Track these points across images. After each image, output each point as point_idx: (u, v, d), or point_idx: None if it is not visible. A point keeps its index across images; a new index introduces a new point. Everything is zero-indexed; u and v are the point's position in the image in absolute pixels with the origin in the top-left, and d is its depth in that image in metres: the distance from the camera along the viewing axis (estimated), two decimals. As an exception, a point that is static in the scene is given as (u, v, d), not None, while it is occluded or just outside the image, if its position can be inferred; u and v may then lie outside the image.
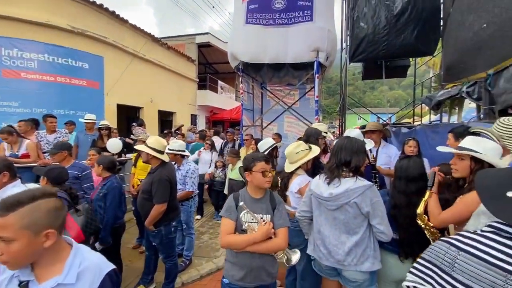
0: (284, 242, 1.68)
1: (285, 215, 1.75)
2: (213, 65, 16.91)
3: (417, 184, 1.77)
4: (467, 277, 0.67)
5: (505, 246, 0.64)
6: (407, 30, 5.71)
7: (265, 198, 1.76)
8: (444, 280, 0.71)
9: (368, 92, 58.20)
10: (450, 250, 0.73)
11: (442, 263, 0.73)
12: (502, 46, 2.66)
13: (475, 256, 0.67)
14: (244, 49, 5.49)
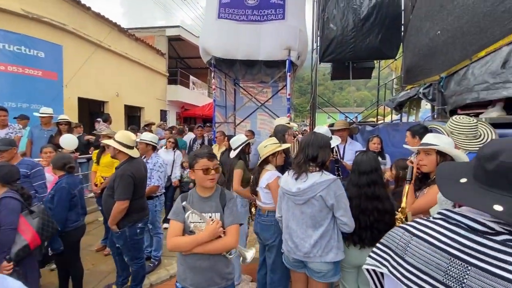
0: (234, 240, 1.58)
1: (236, 212, 1.66)
2: (185, 59, 16.43)
3: (368, 177, 1.89)
4: (416, 259, 0.73)
5: (451, 232, 0.71)
6: (372, 34, 6.07)
7: (215, 196, 1.67)
8: (397, 262, 0.77)
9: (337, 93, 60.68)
10: (404, 235, 0.79)
11: (397, 247, 0.79)
12: (453, 52, 2.93)
13: (424, 240, 0.74)
14: (217, 44, 5.41)
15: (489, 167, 0.65)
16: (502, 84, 2.10)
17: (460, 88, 2.67)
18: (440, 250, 0.69)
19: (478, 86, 2.37)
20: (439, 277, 0.66)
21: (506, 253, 0.60)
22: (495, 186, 0.64)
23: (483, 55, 2.44)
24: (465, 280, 0.62)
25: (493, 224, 0.64)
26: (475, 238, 0.65)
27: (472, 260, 0.63)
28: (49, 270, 3.19)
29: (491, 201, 0.62)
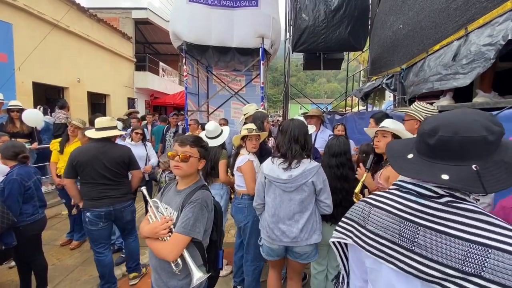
0: (169, 251, 1.32)
1: (189, 220, 1.35)
2: (154, 45, 15.60)
3: (337, 159, 2.03)
4: (376, 227, 0.82)
5: (403, 199, 0.81)
6: (342, 25, 6.27)
7: (185, 192, 1.47)
8: (360, 232, 0.86)
9: (309, 84, 62.07)
10: (365, 207, 0.89)
11: (359, 219, 0.88)
12: (413, 45, 3.17)
13: (382, 209, 0.83)
14: (188, 28, 5.23)
15: (431, 142, 0.74)
16: (452, 75, 2.33)
17: (417, 79, 2.91)
18: (395, 216, 0.79)
19: (432, 77, 2.61)
20: (394, 239, 0.76)
21: (448, 212, 0.71)
22: (438, 158, 0.74)
23: (437, 48, 2.67)
24: (416, 239, 0.72)
25: (437, 188, 0.74)
26: (423, 202, 0.75)
27: (421, 221, 0.73)
28: (8, 267, 2.99)
29: (438, 172, 0.71)
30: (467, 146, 0.69)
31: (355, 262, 0.91)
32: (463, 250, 0.66)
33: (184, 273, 1.39)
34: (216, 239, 1.58)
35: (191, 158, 1.44)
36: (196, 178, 1.55)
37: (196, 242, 1.40)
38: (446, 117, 0.76)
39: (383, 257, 0.77)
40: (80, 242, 3.66)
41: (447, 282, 0.66)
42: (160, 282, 1.45)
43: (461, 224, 0.68)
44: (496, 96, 2.32)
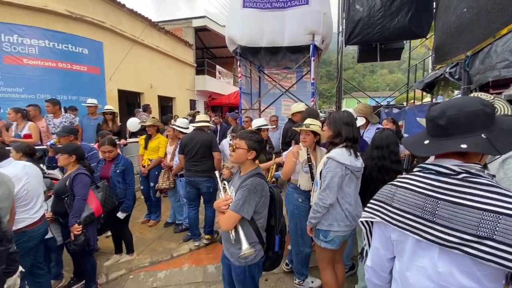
0: (222, 222, 1.65)
1: (239, 200, 1.62)
2: (211, 49, 16.83)
3: (379, 151, 2.08)
4: (401, 204, 0.95)
5: (424, 178, 0.93)
6: (401, 13, 5.84)
7: (242, 178, 1.74)
8: (387, 209, 0.99)
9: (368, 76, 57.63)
10: (391, 189, 1.02)
11: (386, 199, 1.01)
12: (478, 30, 2.87)
13: (406, 188, 0.96)
14: (242, 33, 5.62)
15: (442, 122, 0.87)
16: (523, 60, 2.10)
17: (483, 67, 2.65)
18: (417, 193, 0.92)
19: (499, 64, 2.36)
20: (418, 213, 0.90)
21: (464, 186, 0.83)
22: (451, 135, 0.86)
23: (505, 32, 2.40)
24: (436, 212, 0.86)
25: (455, 167, 0.86)
26: (442, 179, 0.88)
27: (440, 196, 0.86)
28: (105, 237, 3.79)
29: (456, 144, 0.84)
30: (472, 119, 0.83)
31: (380, 239, 1.04)
32: (477, 218, 0.78)
33: (238, 244, 1.65)
34: (274, 225, 1.83)
35: (237, 149, 1.73)
36: (252, 167, 1.79)
37: (250, 221, 1.68)
38: (449, 102, 0.90)
39: (408, 229, 0.91)
40: (156, 221, 4.39)
41: (464, 246, 0.78)
42: (224, 246, 1.83)
43: (475, 196, 0.80)
44: None
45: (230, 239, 1.70)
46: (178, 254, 3.46)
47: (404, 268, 0.94)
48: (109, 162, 3.07)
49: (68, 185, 2.51)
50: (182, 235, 3.93)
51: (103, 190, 2.74)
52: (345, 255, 2.70)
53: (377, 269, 1.07)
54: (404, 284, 0.95)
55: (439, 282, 0.84)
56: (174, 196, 4.25)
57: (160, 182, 3.99)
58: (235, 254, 1.73)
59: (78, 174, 2.52)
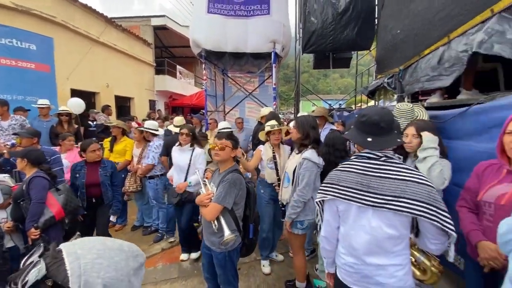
0: (206, 213, 1.88)
1: (221, 193, 1.86)
2: (170, 49, 16.40)
3: (328, 148, 2.49)
4: (345, 182, 1.31)
5: (359, 162, 1.32)
6: (349, 27, 6.62)
7: (222, 174, 1.98)
8: (336, 188, 1.34)
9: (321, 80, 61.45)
10: (337, 172, 1.39)
11: (334, 181, 1.37)
12: (408, 49, 3.56)
13: (348, 171, 1.34)
14: (207, 37, 5.79)
15: (362, 120, 1.28)
16: (437, 76, 2.73)
17: (411, 79, 3.31)
18: (356, 173, 1.31)
19: (423, 77, 3.01)
20: (357, 187, 1.28)
21: (385, 165, 1.24)
22: (367, 131, 1.28)
23: (427, 53, 3.06)
24: (370, 184, 1.24)
25: (379, 152, 1.27)
26: (371, 162, 1.28)
27: (371, 173, 1.26)
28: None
29: (366, 137, 1.27)
30: (392, 123, 1.28)
31: (331, 213, 1.40)
32: (394, 184, 1.18)
33: (220, 233, 1.89)
34: (248, 215, 2.10)
35: (226, 148, 1.95)
36: (231, 164, 2.04)
37: (230, 211, 1.93)
38: (377, 110, 1.31)
39: (352, 199, 1.28)
40: (122, 226, 4.33)
41: (388, 204, 1.18)
42: (206, 236, 2.03)
43: (392, 171, 1.22)
44: (477, 93, 2.71)
45: (211, 229, 1.93)
46: (151, 254, 3.52)
47: (349, 229, 1.31)
48: (93, 166, 3.02)
49: (24, 189, 2.45)
50: (151, 236, 3.97)
51: (65, 192, 2.69)
52: (307, 241, 3.11)
53: (329, 236, 1.42)
54: (348, 240, 1.32)
55: (372, 233, 1.22)
56: (142, 199, 4.25)
57: (127, 185, 3.95)
58: (216, 242, 1.96)
59: (34, 178, 2.47)
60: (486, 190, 1.56)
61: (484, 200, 1.55)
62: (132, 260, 0.70)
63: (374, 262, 1.23)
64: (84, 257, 0.61)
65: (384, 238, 1.21)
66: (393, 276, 1.21)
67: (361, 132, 1.31)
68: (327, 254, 1.47)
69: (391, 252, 1.22)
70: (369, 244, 1.24)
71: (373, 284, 1.24)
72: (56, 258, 0.61)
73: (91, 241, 0.70)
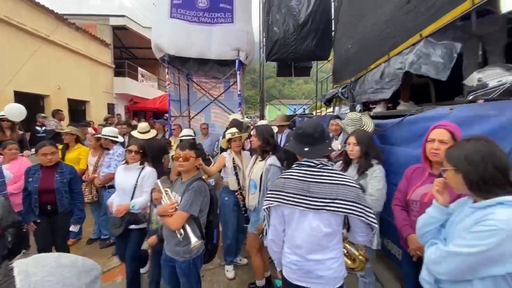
0: (172, 222, 1.85)
1: (188, 201, 1.87)
2: (131, 50, 15.67)
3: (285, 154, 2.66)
4: (289, 188, 1.45)
5: (300, 170, 1.47)
6: (309, 38, 7.05)
7: (186, 183, 1.98)
8: (281, 195, 1.47)
9: (287, 85, 63.53)
10: (282, 180, 1.52)
11: (279, 188, 1.49)
12: (358, 63, 3.94)
13: (291, 178, 1.48)
14: (170, 42, 5.72)
15: (299, 133, 1.46)
16: (380, 89, 3.09)
17: (360, 90, 3.68)
18: (298, 180, 1.45)
19: (369, 89, 3.37)
20: (300, 192, 1.42)
21: (321, 171, 1.41)
22: (304, 142, 1.46)
23: (372, 67, 3.44)
24: (309, 189, 1.39)
25: (316, 161, 1.44)
26: (310, 169, 1.44)
27: (310, 179, 1.42)
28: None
29: (303, 147, 1.43)
30: (324, 133, 1.46)
31: (277, 218, 1.52)
32: (329, 188, 1.35)
33: (186, 241, 1.88)
34: (212, 220, 2.14)
35: (190, 158, 1.97)
36: (195, 172, 2.05)
37: (195, 219, 1.96)
38: (311, 123, 1.49)
39: (296, 204, 1.42)
40: (77, 240, 4.05)
41: (326, 206, 1.34)
42: (169, 247, 2.01)
43: (327, 176, 1.39)
44: (412, 105, 3.11)
45: (176, 239, 1.93)
46: (109, 268, 3.35)
47: (293, 231, 1.46)
48: (49, 170, 2.79)
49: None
50: (110, 249, 3.78)
51: (0, 206, 2.48)
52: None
53: (276, 239, 1.55)
54: (292, 241, 1.47)
55: (312, 233, 1.39)
56: (98, 211, 4.03)
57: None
58: (181, 252, 1.97)
59: None
60: (413, 190, 1.83)
61: (412, 199, 1.82)
62: (84, 275, 0.72)
63: (314, 258, 1.40)
64: (35, 275, 0.63)
65: (322, 236, 1.38)
66: (330, 269, 1.39)
67: (299, 143, 1.47)
68: (275, 255, 1.60)
69: (327, 248, 1.40)
70: (310, 243, 1.40)
71: (313, 278, 1.40)
72: (7, 276, 0.62)
73: (45, 258, 0.70)
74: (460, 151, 1.16)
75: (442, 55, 2.21)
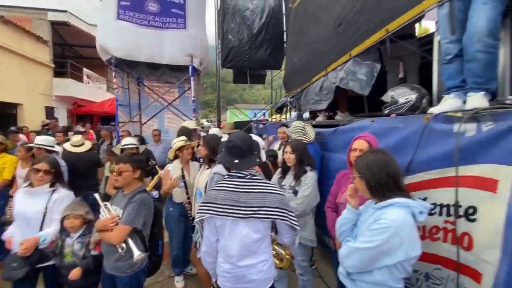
0: (114, 237, 1.79)
1: (131, 214, 1.82)
2: (76, 48, 14.33)
3: None
4: (221, 200, 1.49)
5: (231, 181, 1.54)
6: (263, 48, 7.33)
7: (128, 196, 1.93)
8: (213, 207, 1.51)
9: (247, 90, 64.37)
10: (214, 192, 1.57)
11: (212, 199, 1.53)
12: (303, 75, 4.26)
13: (223, 189, 1.53)
14: (117, 44, 5.44)
15: (230, 145, 1.56)
16: (319, 101, 3.40)
17: (305, 101, 3.99)
18: (229, 191, 1.52)
19: (311, 100, 3.67)
20: (231, 203, 1.47)
21: (250, 182, 1.51)
22: (234, 154, 1.55)
23: (314, 80, 3.76)
24: (240, 199, 1.47)
25: (245, 172, 1.54)
26: (240, 180, 1.53)
27: (240, 189, 1.50)
28: None
29: (233, 159, 1.53)
30: (253, 145, 1.58)
31: (210, 229, 1.55)
32: (257, 197, 1.46)
33: (128, 255, 1.82)
34: (157, 232, 2.10)
35: (123, 172, 1.92)
36: (137, 185, 2.01)
37: (138, 231, 1.90)
38: (239, 135, 1.60)
39: (227, 215, 1.47)
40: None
41: (255, 214, 1.44)
42: (109, 264, 1.91)
43: (255, 186, 1.50)
44: (347, 115, 3.48)
45: (117, 254, 1.85)
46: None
47: (226, 240, 1.51)
48: None
49: None
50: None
51: None
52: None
53: (209, 250, 1.59)
54: (225, 250, 1.53)
55: (242, 241, 1.47)
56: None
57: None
58: (122, 267, 1.89)
59: None
60: (341, 193, 2.06)
61: (340, 202, 2.05)
62: None
63: (246, 264, 1.49)
64: None
65: (252, 242, 1.48)
66: (260, 271, 1.50)
67: (229, 155, 1.56)
68: (209, 266, 1.64)
69: (257, 252, 1.50)
70: (241, 250, 1.48)
71: (246, 282, 1.49)
72: None
73: None
74: (363, 161, 1.38)
75: (365, 73, 2.54)
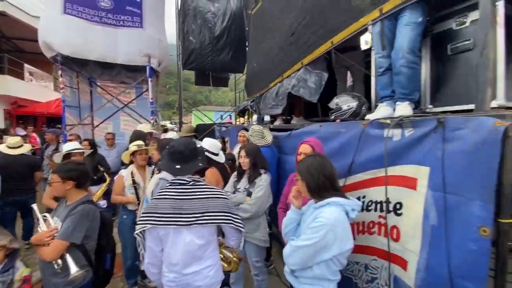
0: (48, 253, 1.63)
1: (69, 228, 1.67)
2: (15, 41, 12.77)
3: None
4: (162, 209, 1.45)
5: (174, 189, 1.51)
6: (225, 51, 7.35)
7: (69, 207, 1.79)
8: (154, 216, 1.46)
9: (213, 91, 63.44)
10: (155, 201, 1.53)
11: (152, 209, 1.49)
12: (262, 80, 4.39)
13: (164, 198, 1.50)
14: (63, 41, 5.03)
15: (171, 151, 1.55)
16: (275, 105, 3.54)
17: (264, 105, 4.11)
18: (171, 199, 1.49)
19: (269, 105, 3.81)
20: (173, 211, 1.45)
21: (193, 188, 1.51)
22: (175, 160, 1.54)
23: (272, 86, 3.91)
24: (182, 207, 1.46)
25: (188, 178, 1.54)
26: (182, 187, 1.52)
27: (183, 197, 1.49)
28: None
29: (175, 165, 1.51)
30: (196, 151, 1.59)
31: (153, 240, 1.49)
32: (200, 203, 1.47)
33: (65, 271, 1.69)
34: (105, 245, 1.95)
35: (53, 183, 1.80)
36: (79, 195, 1.85)
37: (79, 246, 1.75)
38: (181, 141, 1.60)
39: (169, 224, 1.44)
40: None
41: (198, 220, 1.44)
42: (46, 281, 1.75)
43: (198, 192, 1.51)
44: (302, 120, 3.66)
45: (53, 270, 1.69)
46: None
47: (169, 249, 1.49)
48: None
49: None
50: None
51: None
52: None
53: (153, 261, 1.54)
54: (168, 259, 1.50)
55: (186, 248, 1.47)
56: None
57: None
58: (60, 284, 1.73)
59: None
60: (291, 194, 2.18)
61: (289, 202, 2.16)
62: None
63: (191, 271, 1.49)
64: None
65: (196, 249, 1.48)
66: (207, 277, 1.51)
67: (171, 161, 1.54)
68: (154, 277, 1.59)
69: (202, 258, 1.51)
70: (185, 257, 1.47)
71: None
72: None
73: None
74: (304, 165, 1.49)
75: (315, 82, 2.72)
